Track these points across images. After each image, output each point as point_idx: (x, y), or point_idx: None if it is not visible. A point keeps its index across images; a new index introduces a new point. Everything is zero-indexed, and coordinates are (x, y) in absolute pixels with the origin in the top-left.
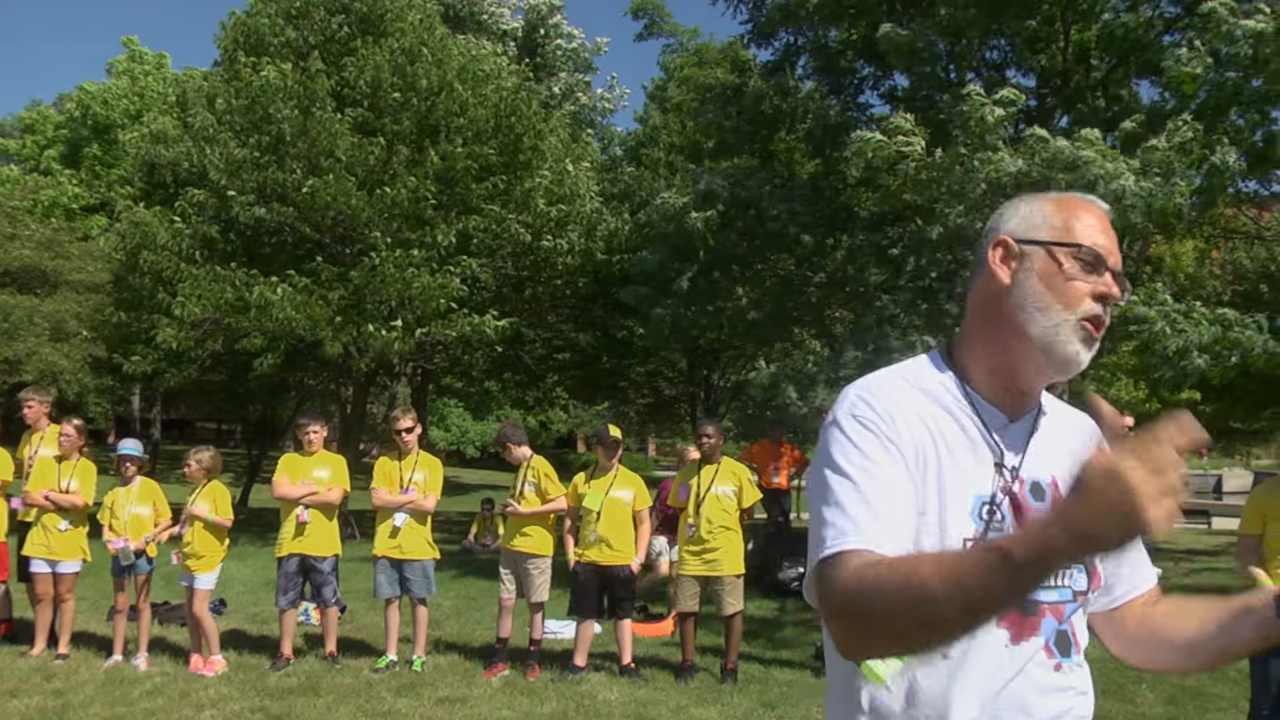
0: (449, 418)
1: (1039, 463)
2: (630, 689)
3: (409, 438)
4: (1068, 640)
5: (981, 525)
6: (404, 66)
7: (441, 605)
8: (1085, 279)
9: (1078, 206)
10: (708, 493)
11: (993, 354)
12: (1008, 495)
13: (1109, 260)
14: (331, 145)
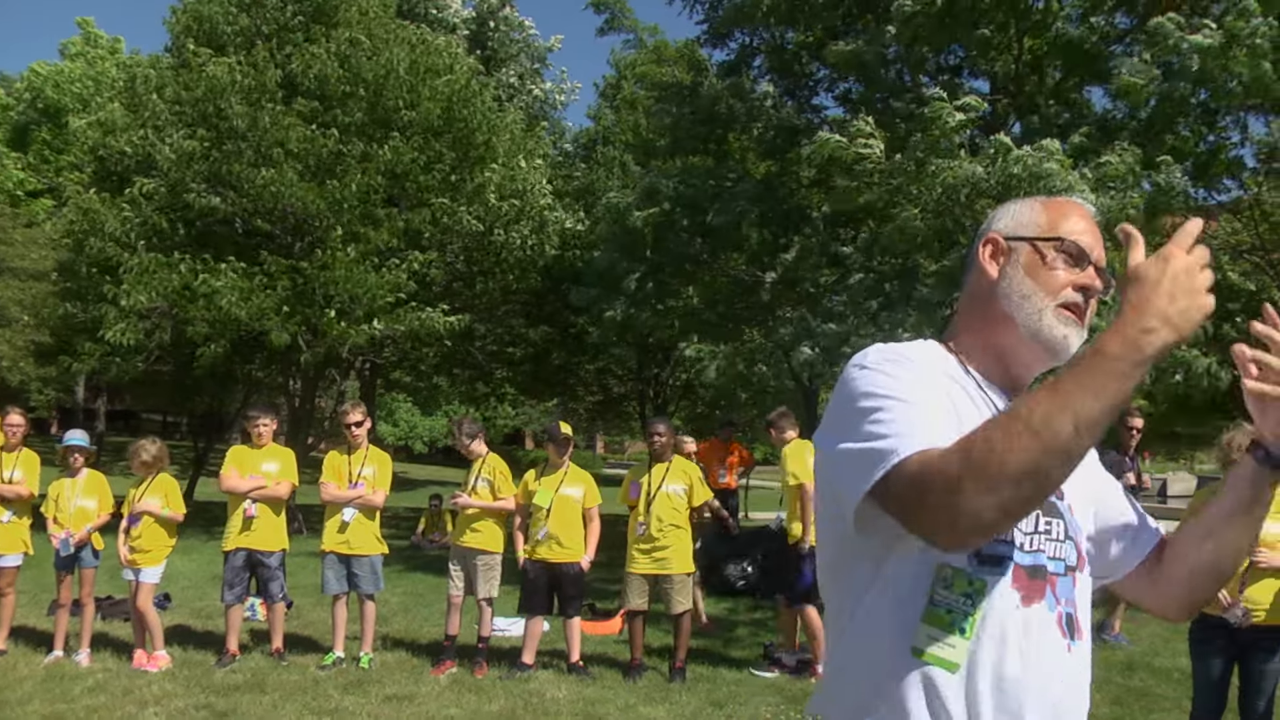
0: (397, 413)
1: None
2: (579, 687)
3: (358, 432)
4: (1074, 623)
5: None
6: (349, 58)
7: (389, 601)
8: (1067, 270)
9: (1065, 206)
10: (658, 491)
11: (987, 344)
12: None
13: (1092, 254)
14: (283, 138)
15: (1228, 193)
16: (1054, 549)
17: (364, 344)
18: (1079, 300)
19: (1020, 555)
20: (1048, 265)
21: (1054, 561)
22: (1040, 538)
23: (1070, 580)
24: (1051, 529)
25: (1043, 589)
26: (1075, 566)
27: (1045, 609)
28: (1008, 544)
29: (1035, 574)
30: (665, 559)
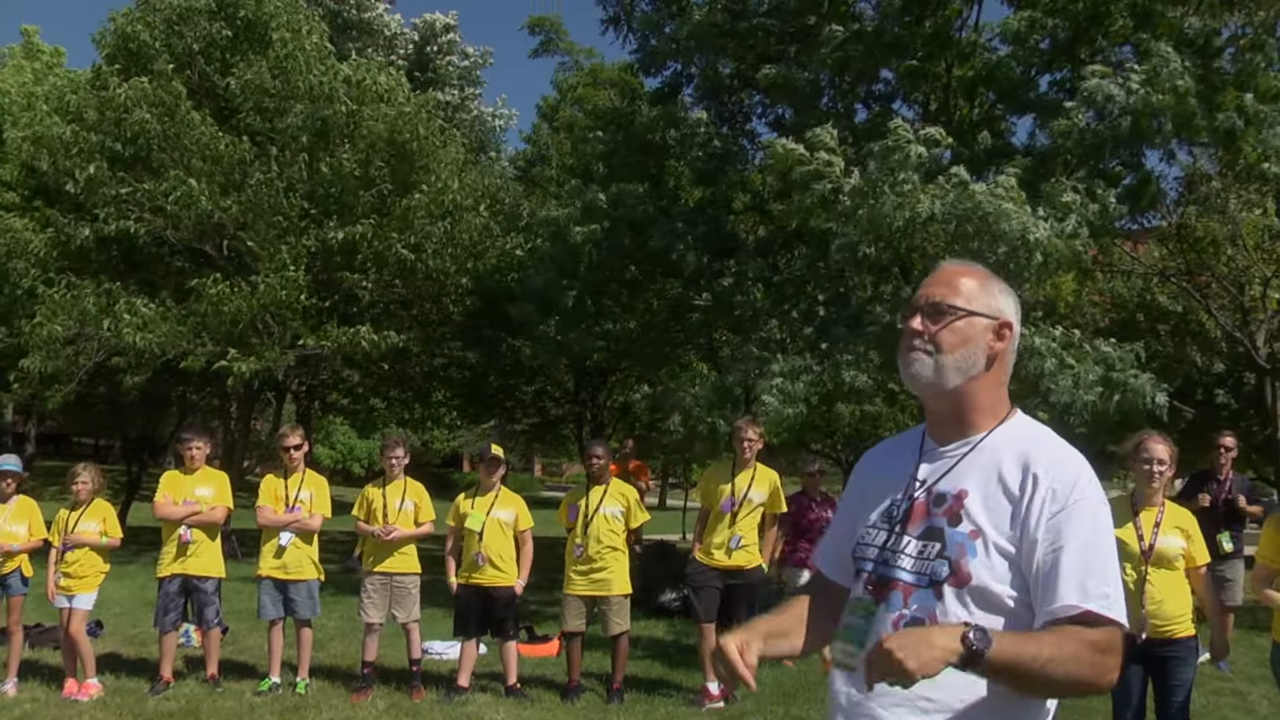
0: (334, 435)
1: (954, 478)
2: (517, 710)
3: (296, 455)
4: (920, 624)
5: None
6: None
7: (326, 626)
8: (908, 319)
9: (933, 271)
10: (595, 513)
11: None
12: (908, 499)
13: (919, 302)
14: (198, 147)
15: (1154, 219)
16: (922, 559)
17: (286, 365)
18: (911, 340)
19: (867, 565)
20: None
21: (913, 573)
22: (898, 556)
23: (932, 594)
24: (925, 549)
25: (886, 593)
26: (942, 581)
27: (886, 609)
28: (862, 560)
29: (882, 582)
30: (603, 580)
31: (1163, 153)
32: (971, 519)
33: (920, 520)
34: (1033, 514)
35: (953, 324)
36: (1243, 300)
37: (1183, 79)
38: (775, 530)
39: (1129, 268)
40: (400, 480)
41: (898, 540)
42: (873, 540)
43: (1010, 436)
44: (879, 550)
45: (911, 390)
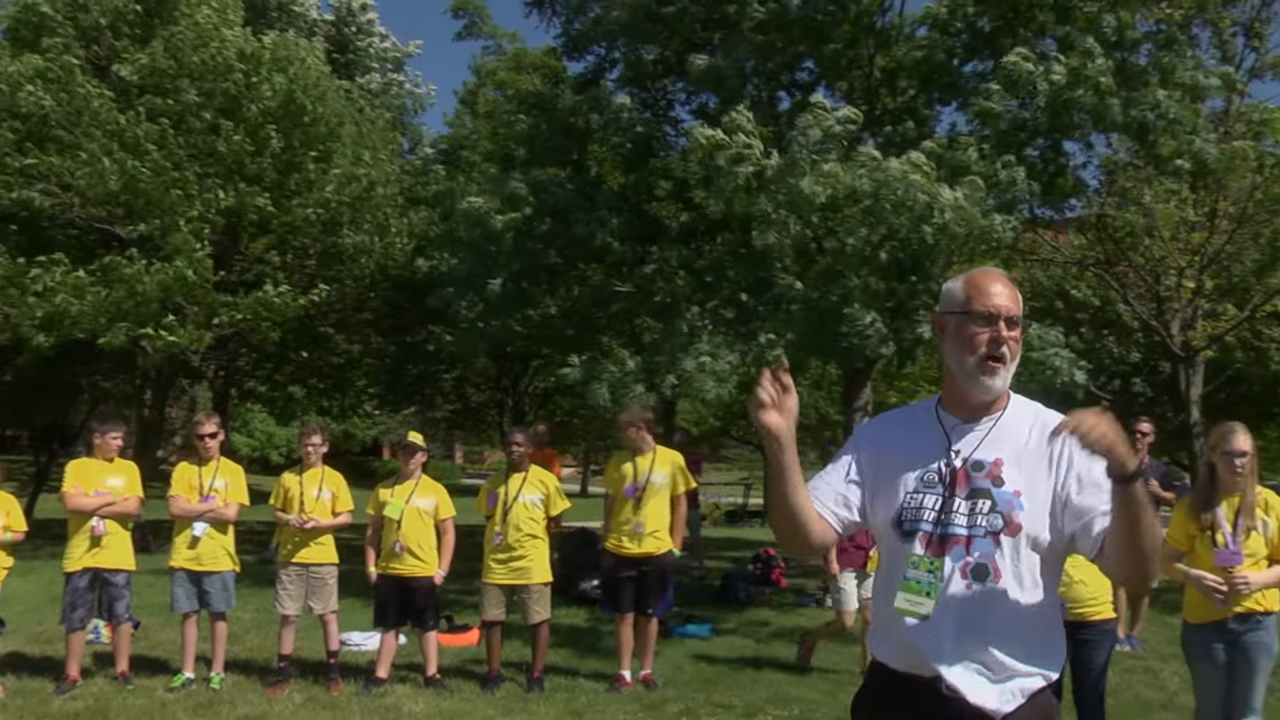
0: (252, 423)
1: (986, 448)
2: (436, 700)
3: (212, 443)
4: (985, 570)
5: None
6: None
7: (241, 619)
8: (982, 330)
9: (979, 279)
10: (515, 500)
11: (949, 386)
12: (947, 466)
13: (1000, 314)
14: (98, 123)
15: (1074, 209)
16: (975, 516)
17: (204, 345)
18: (995, 352)
19: (925, 525)
20: (969, 332)
21: (968, 528)
22: (953, 515)
23: (991, 541)
24: (976, 506)
25: (947, 548)
26: (999, 531)
27: (950, 560)
28: (916, 522)
29: (938, 537)
30: (523, 569)
31: (1081, 144)
32: (1013, 481)
33: (964, 484)
34: (1062, 459)
35: (1019, 334)
36: (1159, 290)
37: (1105, 76)
38: (684, 512)
39: (1049, 256)
40: (318, 468)
41: (949, 503)
42: (926, 504)
43: (1020, 412)
44: (936, 514)
45: (973, 390)
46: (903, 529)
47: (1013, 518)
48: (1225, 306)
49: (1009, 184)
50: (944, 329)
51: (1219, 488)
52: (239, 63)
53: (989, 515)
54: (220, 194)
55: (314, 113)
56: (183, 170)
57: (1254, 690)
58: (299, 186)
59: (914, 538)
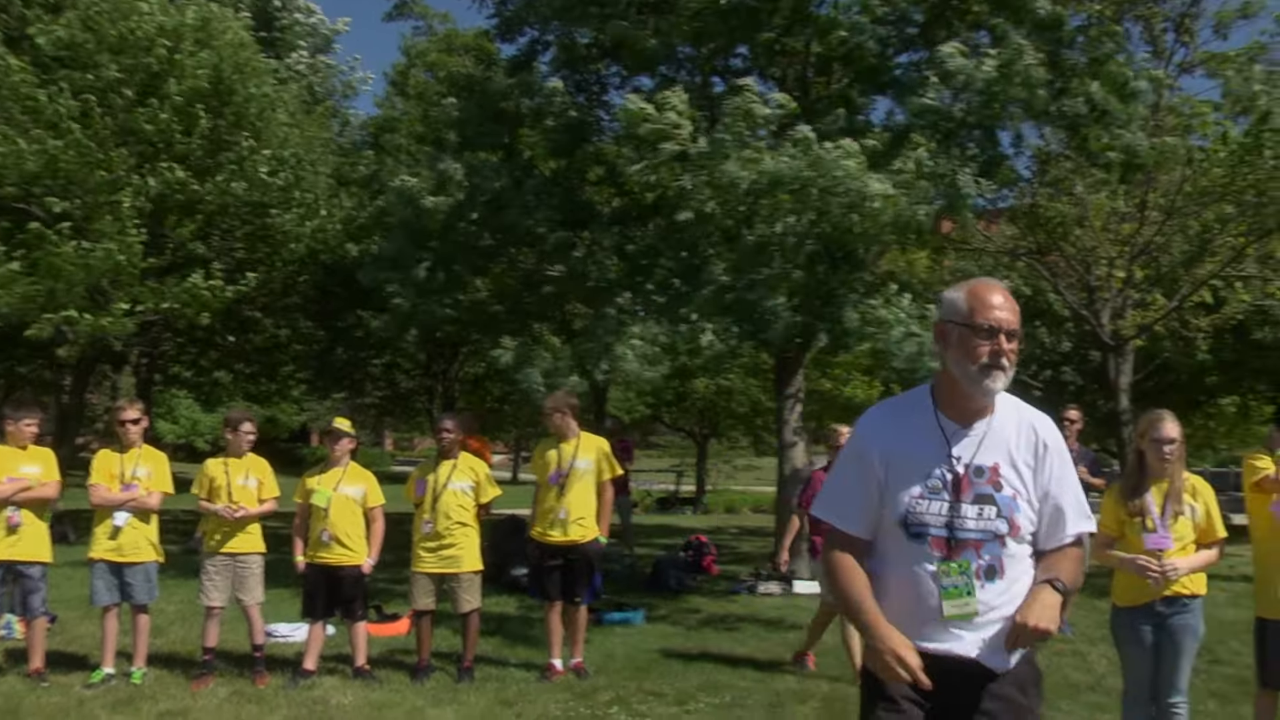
0: (177, 409)
1: (984, 454)
2: (365, 691)
3: (133, 429)
4: (994, 570)
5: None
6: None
7: (165, 611)
8: (984, 343)
9: (982, 293)
10: (445, 488)
11: (948, 388)
12: (950, 472)
13: (1002, 327)
14: (16, 99)
15: (1006, 200)
16: (981, 519)
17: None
18: (996, 362)
19: (936, 530)
20: (972, 343)
21: (978, 532)
22: (963, 520)
23: (999, 544)
24: (982, 512)
25: (959, 552)
26: (1004, 535)
27: (964, 561)
28: (924, 525)
29: (953, 542)
30: (453, 557)
31: (1012, 135)
32: (1010, 484)
33: (969, 489)
34: (1046, 469)
35: (1017, 345)
36: (1089, 279)
37: (1037, 71)
38: (610, 499)
39: (982, 245)
40: (244, 456)
41: (956, 508)
42: (934, 510)
43: (1006, 414)
44: (945, 518)
45: (975, 394)
46: (910, 530)
47: (1015, 520)
48: (1154, 296)
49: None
50: (946, 337)
51: (1148, 474)
52: (160, 37)
53: (995, 520)
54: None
55: (244, 92)
56: (107, 150)
57: (1180, 671)
58: (229, 167)
59: (924, 540)
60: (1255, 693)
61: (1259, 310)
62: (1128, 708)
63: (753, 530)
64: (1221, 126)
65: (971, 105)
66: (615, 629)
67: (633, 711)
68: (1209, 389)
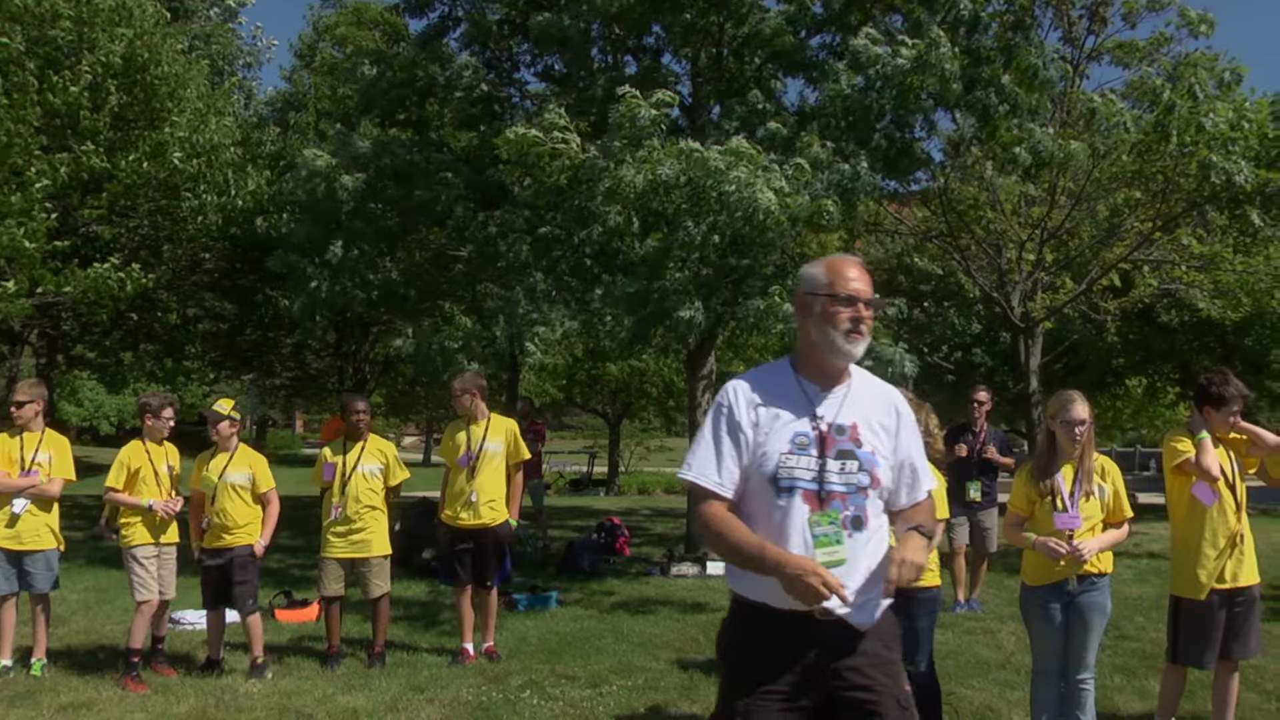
0: (80, 391)
1: (844, 414)
2: (274, 679)
3: (21, 411)
4: (860, 521)
5: (793, 446)
6: None
7: (67, 600)
8: (845, 309)
9: (839, 266)
10: (354, 471)
11: (810, 356)
12: (815, 429)
13: (860, 296)
14: None
15: (919, 183)
16: (845, 474)
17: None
18: (857, 328)
19: (806, 484)
20: (833, 310)
21: (844, 484)
22: (828, 474)
23: (862, 495)
24: (845, 466)
25: (828, 503)
26: (867, 486)
27: (833, 511)
28: (795, 480)
29: (822, 495)
30: (362, 542)
31: (923, 121)
32: (869, 442)
33: (832, 445)
34: (902, 435)
35: (872, 312)
36: (1000, 262)
37: (951, 63)
38: (520, 481)
39: (894, 229)
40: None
41: (823, 463)
42: (801, 465)
43: (862, 383)
44: (814, 473)
45: (836, 358)
46: (780, 485)
47: (875, 474)
48: (1063, 280)
49: (853, 176)
50: (808, 307)
51: (1058, 455)
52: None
53: (858, 474)
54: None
55: (156, 71)
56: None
57: (1088, 648)
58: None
59: (794, 494)
60: (1163, 667)
61: (1166, 294)
62: (1037, 684)
63: (665, 511)
64: (1122, 118)
65: (885, 95)
66: (528, 612)
67: (545, 695)
68: (1117, 371)
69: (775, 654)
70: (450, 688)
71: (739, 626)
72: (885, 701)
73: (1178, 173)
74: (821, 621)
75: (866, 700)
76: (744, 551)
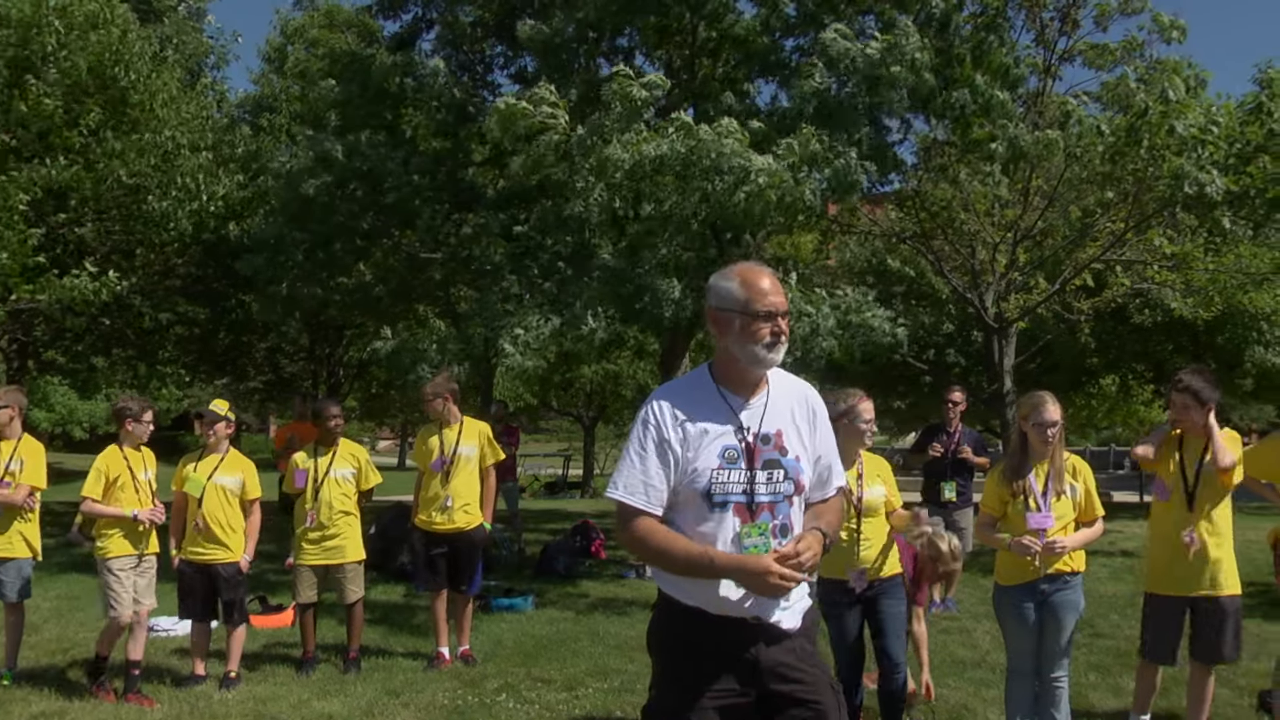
0: (52, 397)
1: (768, 422)
2: (249, 686)
3: (7, 417)
4: (787, 529)
5: (723, 461)
6: None
7: (40, 607)
8: (764, 325)
9: (753, 279)
10: (326, 477)
11: (730, 368)
12: (743, 442)
13: (777, 310)
14: None
15: (892, 185)
16: (771, 485)
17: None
18: (777, 340)
19: (736, 497)
20: (754, 327)
21: (770, 494)
22: (757, 485)
23: (788, 504)
24: (772, 476)
25: (757, 514)
26: (792, 494)
27: (763, 523)
28: (727, 494)
29: (751, 506)
30: (336, 548)
31: (899, 122)
32: (793, 448)
33: (759, 457)
34: (818, 432)
35: (788, 320)
36: (973, 263)
37: (921, 53)
38: (494, 485)
39: (867, 229)
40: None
41: (751, 475)
42: (732, 479)
43: (779, 385)
44: (744, 486)
45: (758, 369)
46: (712, 500)
47: (799, 480)
48: (1037, 280)
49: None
50: (725, 323)
51: (1030, 455)
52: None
53: (783, 482)
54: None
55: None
56: None
57: (1062, 646)
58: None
59: (726, 508)
60: (1137, 664)
61: (1138, 294)
62: (1012, 682)
63: None
64: (1096, 123)
65: (857, 88)
66: (504, 615)
67: (521, 698)
68: (1090, 370)
69: (710, 656)
70: (425, 692)
71: (673, 628)
72: (820, 688)
73: (1149, 176)
74: (754, 625)
75: (801, 691)
76: (693, 562)
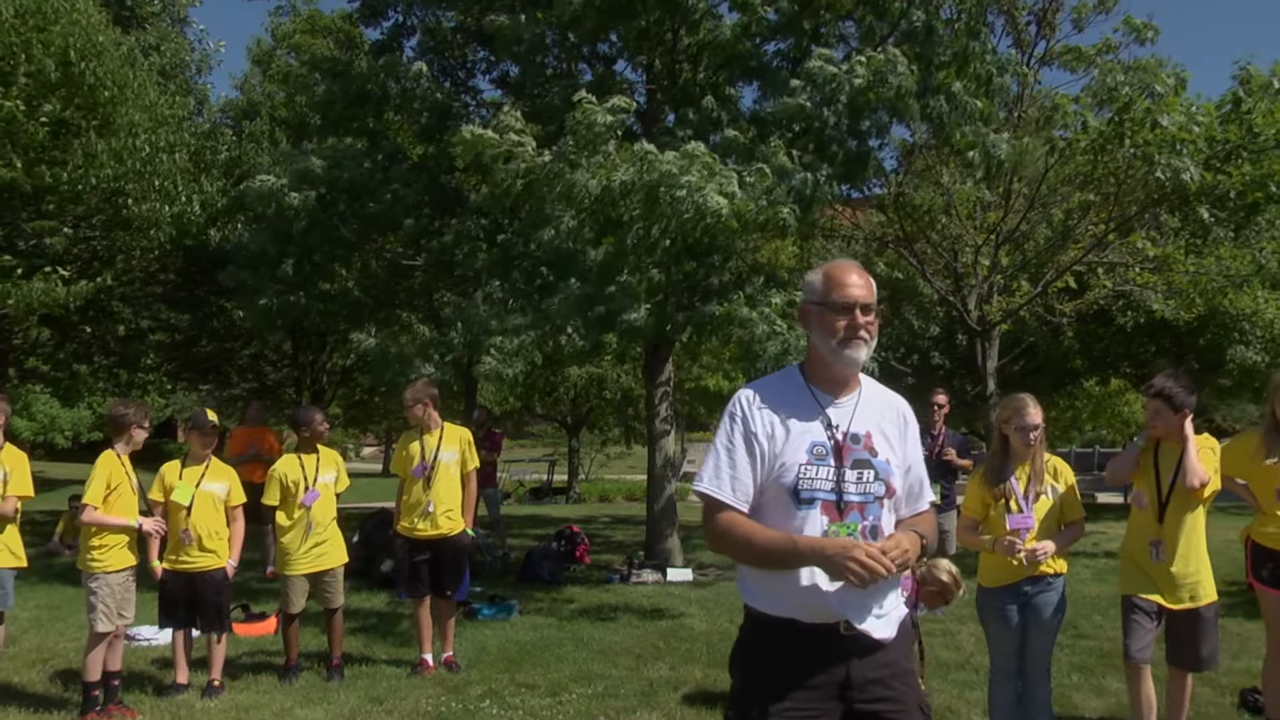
0: (34, 405)
1: (858, 423)
2: (232, 694)
3: None
4: (877, 531)
5: (811, 456)
6: None
7: (20, 617)
8: (841, 318)
9: (838, 273)
10: (314, 484)
11: (817, 365)
12: (831, 439)
13: (857, 302)
14: None
15: (874, 190)
16: (862, 485)
17: None
18: (854, 335)
19: (825, 495)
20: (830, 318)
21: (859, 495)
22: (846, 484)
23: (879, 505)
24: (861, 476)
25: (846, 515)
26: (883, 496)
27: (852, 523)
28: (814, 491)
29: (841, 505)
30: (323, 554)
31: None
32: (884, 450)
33: (848, 456)
34: (908, 443)
35: (874, 318)
36: (956, 267)
37: (908, 80)
38: (475, 490)
39: (850, 234)
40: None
41: (840, 473)
42: (820, 476)
43: (871, 391)
44: (832, 483)
45: (839, 365)
46: (800, 497)
47: (890, 483)
48: (1019, 282)
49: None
50: (808, 316)
51: (1012, 458)
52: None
53: (874, 483)
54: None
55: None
56: None
57: (1044, 647)
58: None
59: (814, 505)
60: (1128, 672)
61: (1120, 296)
62: (995, 684)
63: (625, 519)
64: (1081, 118)
65: (840, 113)
66: (488, 621)
67: (505, 704)
68: (1074, 372)
69: (800, 670)
70: (409, 698)
71: (761, 644)
72: (909, 709)
73: (1130, 175)
74: (846, 636)
75: (891, 711)
76: (775, 550)
